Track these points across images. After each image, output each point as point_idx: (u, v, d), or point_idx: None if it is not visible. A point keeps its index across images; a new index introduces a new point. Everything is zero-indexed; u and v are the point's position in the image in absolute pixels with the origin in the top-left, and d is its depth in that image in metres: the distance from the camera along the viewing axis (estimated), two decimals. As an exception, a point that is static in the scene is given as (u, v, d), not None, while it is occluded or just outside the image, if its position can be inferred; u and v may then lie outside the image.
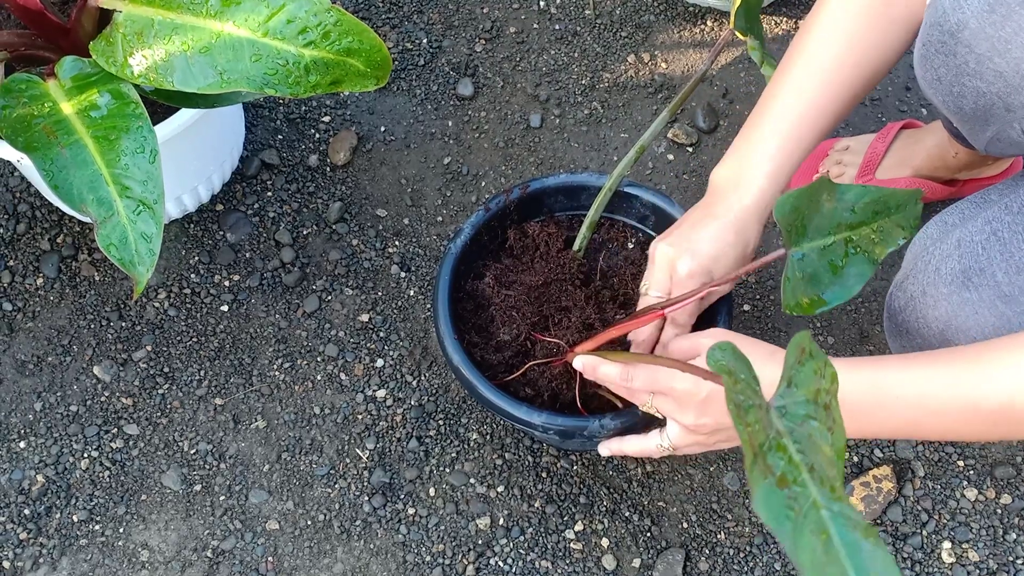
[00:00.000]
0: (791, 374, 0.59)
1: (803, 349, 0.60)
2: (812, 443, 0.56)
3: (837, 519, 0.52)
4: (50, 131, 0.85)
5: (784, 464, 0.53)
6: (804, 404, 0.58)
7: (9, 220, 1.16)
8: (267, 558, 1.01)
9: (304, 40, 0.83)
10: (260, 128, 1.23)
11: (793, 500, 0.52)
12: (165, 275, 1.14)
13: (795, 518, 0.51)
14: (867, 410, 0.70)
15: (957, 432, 0.70)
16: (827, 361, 0.60)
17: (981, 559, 1.02)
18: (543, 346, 0.92)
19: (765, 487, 0.52)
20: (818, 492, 0.53)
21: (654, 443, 0.81)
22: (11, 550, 1.01)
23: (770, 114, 0.83)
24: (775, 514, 0.51)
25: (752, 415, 0.54)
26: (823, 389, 0.58)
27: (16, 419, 1.07)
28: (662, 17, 1.33)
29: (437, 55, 1.30)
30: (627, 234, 1.01)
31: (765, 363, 0.72)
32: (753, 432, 0.54)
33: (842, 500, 0.53)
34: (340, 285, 1.15)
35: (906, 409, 0.69)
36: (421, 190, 1.21)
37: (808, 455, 0.55)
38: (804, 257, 0.72)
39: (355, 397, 1.09)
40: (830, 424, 0.57)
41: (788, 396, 0.58)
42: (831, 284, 0.72)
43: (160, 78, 0.84)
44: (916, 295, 0.80)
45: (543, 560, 1.01)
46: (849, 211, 0.74)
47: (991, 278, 0.73)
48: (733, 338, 0.78)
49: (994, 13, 0.70)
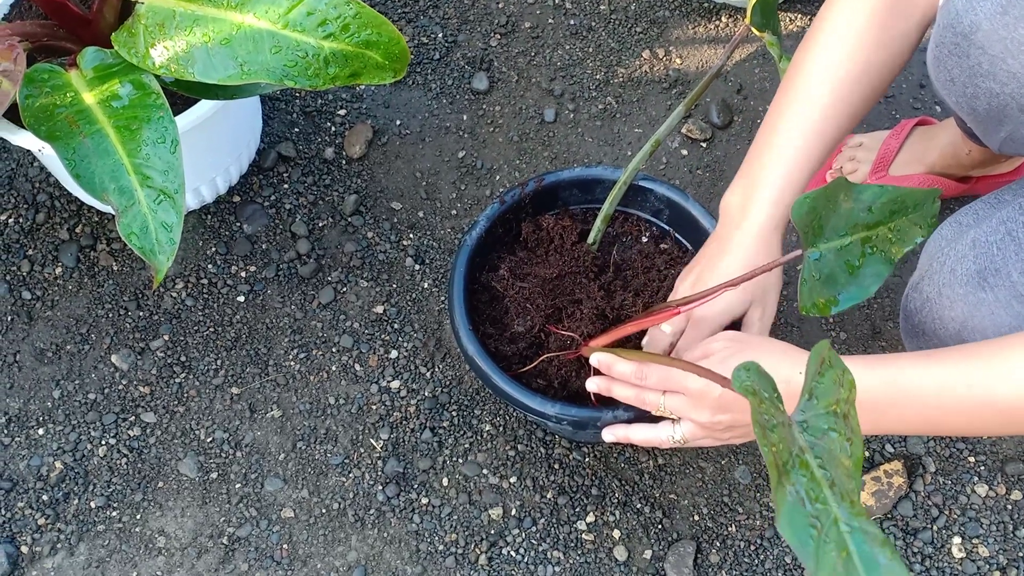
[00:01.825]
0: (812, 386, 0.59)
1: (823, 359, 0.60)
2: (832, 456, 0.57)
3: (856, 535, 0.53)
4: (72, 120, 0.86)
5: (807, 481, 0.54)
6: (825, 416, 0.58)
7: (29, 210, 1.18)
8: (282, 545, 1.02)
9: (324, 32, 0.84)
10: (277, 121, 1.24)
11: (816, 518, 0.53)
12: (183, 265, 1.15)
13: (817, 537, 0.52)
14: (883, 407, 0.70)
15: (973, 428, 0.71)
16: (846, 369, 0.60)
17: (991, 554, 1.02)
18: (557, 338, 0.92)
19: (790, 507, 0.53)
20: (839, 508, 0.53)
21: (665, 434, 0.81)
22: (29, 535, 1.02)
23: (775, 137, 0.82)
24: (799, 534, 0.52)
25: (776, 434, 0.55)
26: (842, 399, 0.59)
27: (35, 406, 1.08)
28: (677, 13, 1.33)
29: (452, 49, 1.30)
30: (641, 227, 1.02)
31: (779, 362, 0.73)
32: (778, 452, 0.54)
33: (862, 515, 0.54)
34: (355, 277, 1.16)
35: (923, 407, 0.69)
36: (436, 183, 1.22)
37: (829, 469, 0.55)
38: (821, 257, 0.72)
39: (369, 388, 1.10)
40: (849, 435, 0.58)
41: (809, 409, 0.59)
42: (847, 284, 0.72)
43: (181, 69, 0.85)
44: (932, 296, 0.80)
45: (555, 550, 1.02)
46: (866, 211, 0.74)
47: (1007, 278, 0.73)
48: (744, 339, 0.78)
49: (1007, 15, 0.70)
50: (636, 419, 0.86)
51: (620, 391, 0.82)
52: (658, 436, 0.82)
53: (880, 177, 1.14)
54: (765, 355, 0.74)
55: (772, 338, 0.79)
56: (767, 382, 0.59)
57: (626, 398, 0.82)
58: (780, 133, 0.82)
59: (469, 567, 1.01)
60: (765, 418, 0.56)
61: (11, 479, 1.05)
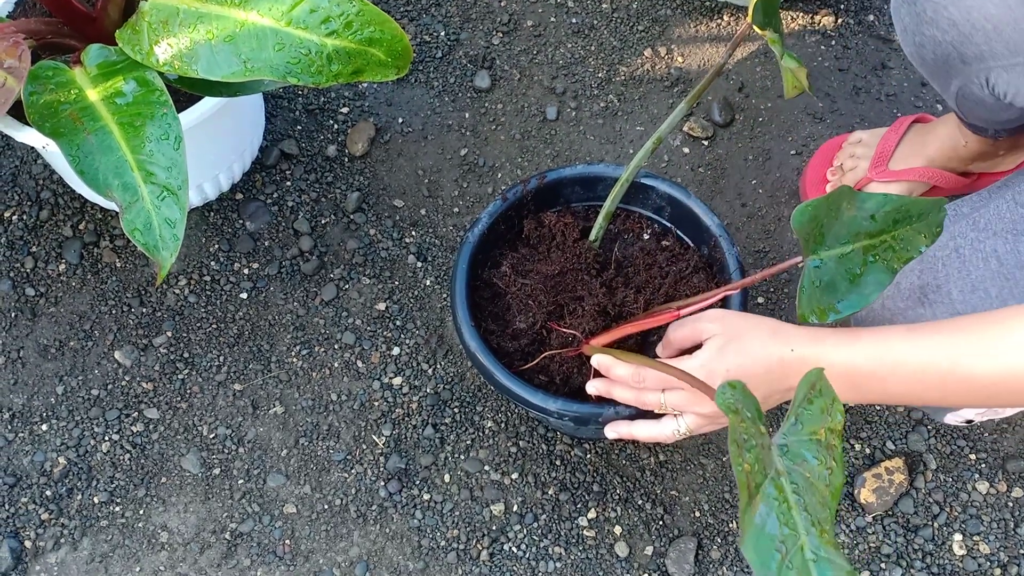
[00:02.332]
0: (798, 412, 0.59)
1: (813, 386, 0.60)
2: (808, 483, 0.57)
3: (822, 564, 0.53)
4: (76, 117, 0.86)
5: (778, 505, 0.54)
6: (807, 443, 0.58)
7: (32, 207, 1.18)
8: (284, 541, 1.03)
9: (327, 29, 0.84)
10: (280, 118, 1.25)
11: (782, 543, 0.53)
12: (185, 262, 1.16)
13: (780, 562, 0.52)
14: (867, 381, 0.71)
15: (954, 401, 0.71)
16: (835, 398, 0.60)
17: (992, 552, 1.03)
18: (559, 335, 0.93)
19: (756, 528, 0.53)
20: (807, 535, 0.54)
21: (670, 429, 0.81)
22: (33, 530, 1.03)
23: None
24: (762, 557, 0.52)
25: (752, 455, 0.55)
26: (828, 428, 0.59)
27: (39, 402, 1.09)
28: (679, 11, 1.34)
29: (455, 47, 1.31)
30: (643, 225, 1.02)
31: (769, 344, 0.73)
32: (751, 473, 0.54)
33: (830, 544, 0.54)
34: (357, 274, 1.16)
35: (906, 380, 0.70)
36: (438, 181, 1.22)
37: (803, 496, 0.56)
38: (822, 265, 0.71)
39: (372, 384, 1.10)
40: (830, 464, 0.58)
41: (792, 434, 0.58)
42: (848, 293, 0.72)
43: (185, 66, 0.85)
44: (876, 307, 0.79)
45: (556, 546, 1.02)
46: (869, 219, 0.73)
47: (947, 295, 0.73)
48: (733, 316, 0.78)
49: None
50: (637, 415, 0.86)
51: (620, 393, 0.83)
52: (662, 432, 0.82)
53: (880, 172, 1.14)
54: (755, 340, 0.74)
55: (757, 316, 0.78)
56: (750, 401, 0.59)
57: (626, 400, 0.83)
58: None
59: (471, 563, 1.02)
60: (744, 437, 0.56)
61: (15, 474, 1.05)
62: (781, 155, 1.24)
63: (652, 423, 0.83)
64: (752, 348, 0.74)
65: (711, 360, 0.76)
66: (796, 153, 1.24)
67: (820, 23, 1.33)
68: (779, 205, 1.21)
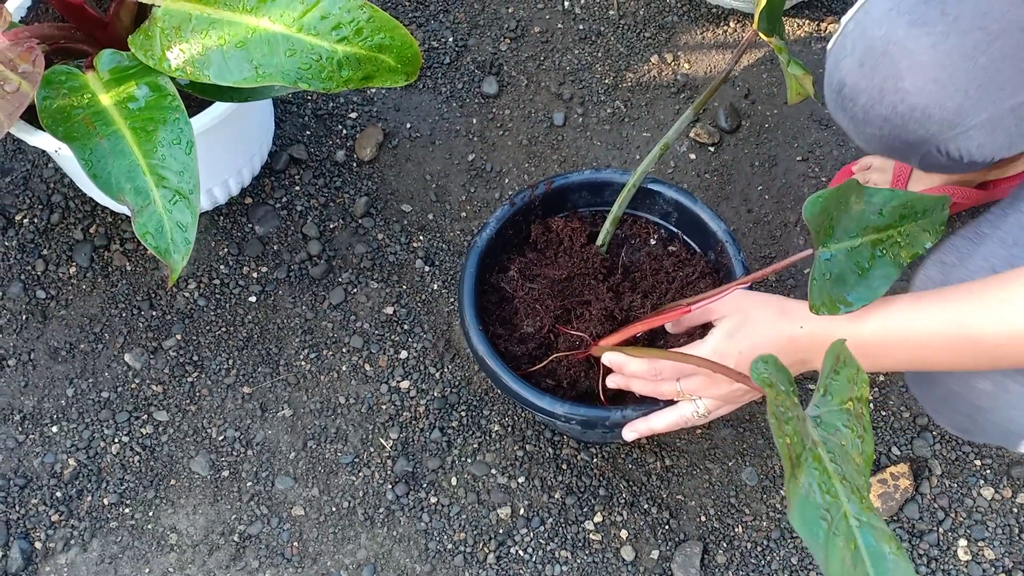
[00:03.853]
0: (827, 383, 0.61)
1: (838, 357, 0.62)
2: (844, 452, 0.58)
3: (865, 529, 0.54)
4: (89, 122, 0.87)
5: (819, 475, 0.56)
6: (838, 413, 0.60)
7: (43, 210, 1.19)
8: (292, 543, 1.03)
9: (337, 36, 0.85)
10: (289, 124, 1.25)
11: (826, 511, 0.54)
12: (195, 266, 1.16)
13: (827, 529, 0.54)
14: (874, 352, 0.73)
15: (958, 365, 0.73)
16: (859, 368, 0.62)
17: (997, 557, 1.03)
18: (566, 338, 0.93)
19: (802, 499, 0.54)
20: (849, 502, 0.55)
21: (689, 411, 0.83)
22: (43, 531, 1.03)
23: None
24: (810, 526, 0.54)
25: (791, 426, 0.57)
26: (855, 397, 0.61)
27: (49, 404, 1.09)
28: (685, 18, 1.34)
29: (462, 53, 1.32)
30: (649, 230, 1.03)
31: (777, 323, 0.77)
32: (792, 444, 0.56)
33: (871, 510, 0.55)
34: (365, 278, 1.17)
35: (912, 348, 0.72)
36: (446, 186, 1.23)
37: (840, 464, 0.57)
38: (832, 257, 0.73)
39: (379, 388, 1.11)
40: (861, 432, 0.60)
41: (823, 405, 0.60)
42: (856, 285, 0.73)
43: (197, 72, 0.86)
44: None
45: (562, 550, 1.03)
46: (877, 214, 0.75)
47: None
48: (740, 296, 0.80)
49: (863, 66, 0.79)
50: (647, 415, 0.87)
51: (638, 385, 0.85)
52: (682, 415, 0.84)
53: None
54: (764, 320, 0.77)
55: (763, 294, 0.80)
56: (783, 375, 0.61)
57: (645, 391, 0.85)
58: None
59: (477, 566, 1.02)
60: (780, 410, 0.57)
61: (25, 476, 1.06)
62: (787, 161, 1.25)
63: (669, 411, 0.85)
64: (762, 328, 0.77)
65: (722, 343, 0.78)
66: (802, 159, 1.25)
67: (826, 30, 1.33)
68: (785, 211, 1.21)
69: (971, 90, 0.78)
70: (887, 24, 0.80)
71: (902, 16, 0.79)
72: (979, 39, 0.77)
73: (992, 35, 0.77)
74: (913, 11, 0.79)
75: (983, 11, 0.78)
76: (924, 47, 0.78)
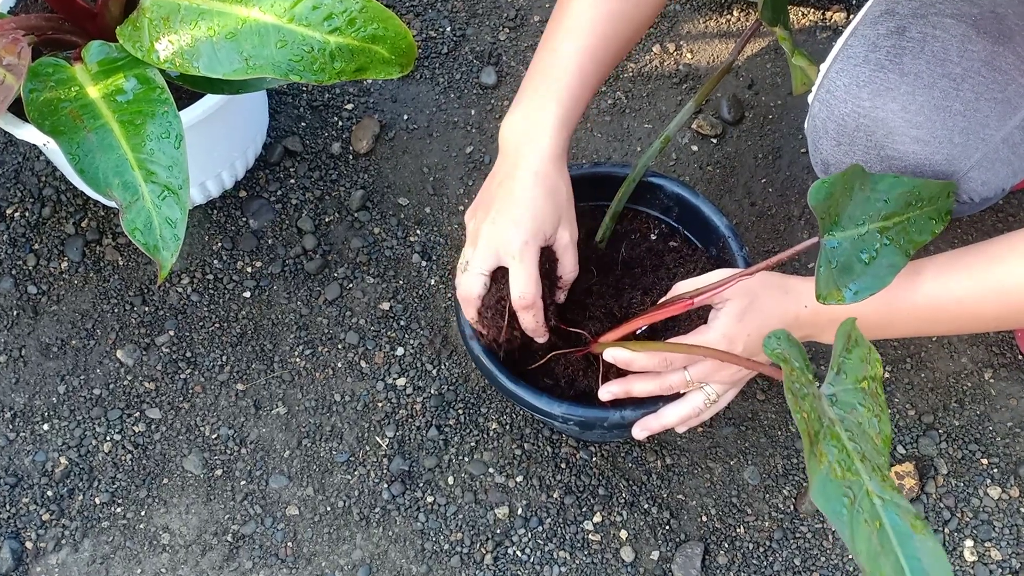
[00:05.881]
0: (840, 362, 0.61)
1: (850, 336, 0.61)
2: (861, 430, 0.58)
3: (889, 507, 0.53)
4: (76, 115, 0.85)
5: (838, 452, 0.55)
6: (853, 392, 0.60)
7: (34, 204, 1.17)
8: (286, 543, 1.02)
9: (330, 27, 0.83)
10: (283, 115, 1.23)
11: (848, 489, 0.53)
12: (188, 261, 1.15)
13: (851, 507, 0.53)
14: (875, 327, 0.76)
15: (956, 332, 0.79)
16: (871, 347, 0.63)
17: (1003, 558, 1.01)
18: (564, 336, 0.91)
19: (822, 476, 0.53)
20: (870, 481, 0.54)
21: (700, 399, 0.82)
22: (34, 531, 1.02)
23: (550, 64, 0.83)
24: (833, 504, 0.53)
25: (808, 403, 0.56)
26: (869, 376, 0.60)
27: (40, 402, 1.08)
28: (688, 7, 1.32)
29: (460, 43, 1.29)
30: (650, 225, 1.00)
31: (782, 303, 0.78)
32: (810, 420, 0.55)
33: (893, 488, 0.54)
34: (361, 273, 1.15)
35: (913, 321, 0.76)
36: (443, 179, 1.21)
37: (859, 443, 0.57)
38: (839, 246, 0.72)
39: (375, 385, 1.09)
40: (877, 412, 0.59)
41: (838, 383, 0.60)
42: (863, 274, 0.72)
43: (186, 63, 0.84)
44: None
45: (561, 551, 1.01)
46: (882, 201, 0.74)
47: None
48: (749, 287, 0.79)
49: (841, 145, 0.81)
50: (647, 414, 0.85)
51: (640, 387, 0.82)
52: (694, 403, 0.82)
53: None
54: (769, 300, 0.79)
55: (764, 273, 0.79)
56: (797, 351, 0.61)
57: (649, 391, 0.82)
58: (556, 63, 0.82)
59: (474, 566, 1.01)
60: (796, 386, 0.57)
61: (16, 474, 1.04)
62: (791, 153, 1.22)
63: (680, 403, 0.83)
64: (767, 307, 0.78)
65: (732, 327, 0.78)
66: (806, 151, 1.22)
67: (831, 19, 1.31)
68: (789, 204, 1.19)
69: (955, 137, 0.77)
70: (851, 100, 0.78)
71: (863, 89, 0.78)
72: (946, 87, 0.76)
73: (958, 79, 0.76)
74: (872, 81, 0.78)
75: (941, 58, 0.76)
76: (894, 113, 0.77)
